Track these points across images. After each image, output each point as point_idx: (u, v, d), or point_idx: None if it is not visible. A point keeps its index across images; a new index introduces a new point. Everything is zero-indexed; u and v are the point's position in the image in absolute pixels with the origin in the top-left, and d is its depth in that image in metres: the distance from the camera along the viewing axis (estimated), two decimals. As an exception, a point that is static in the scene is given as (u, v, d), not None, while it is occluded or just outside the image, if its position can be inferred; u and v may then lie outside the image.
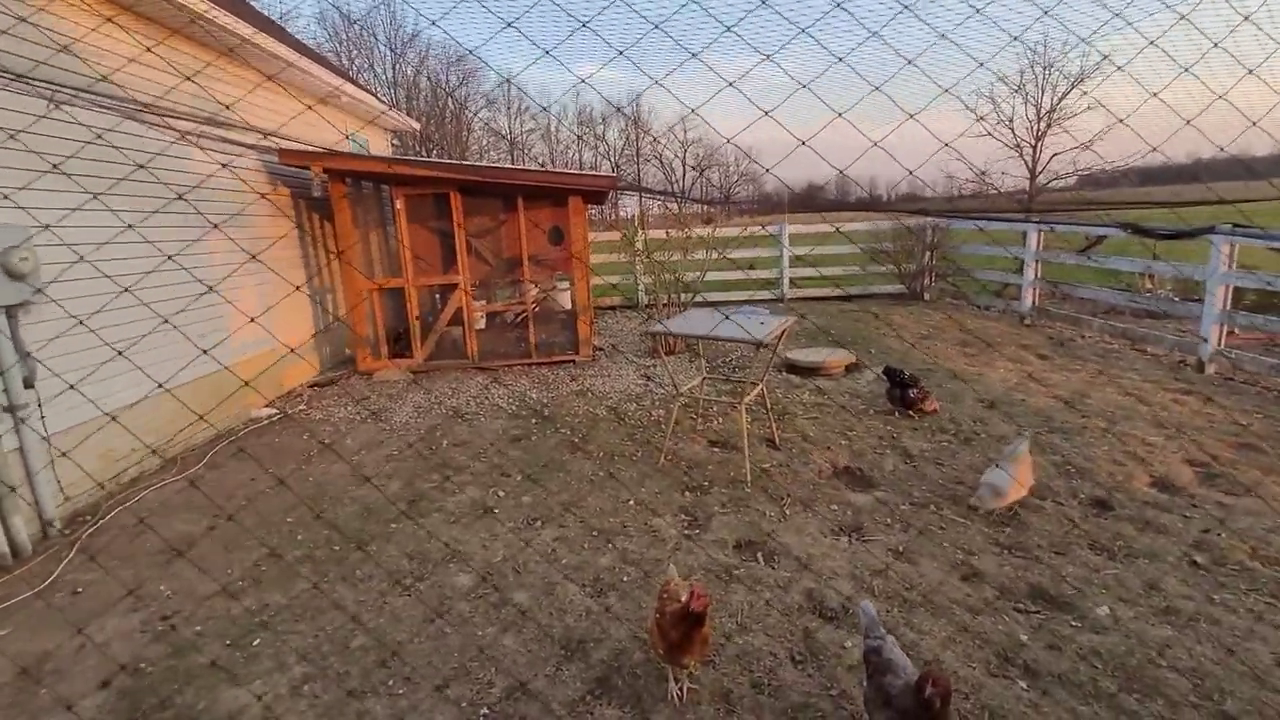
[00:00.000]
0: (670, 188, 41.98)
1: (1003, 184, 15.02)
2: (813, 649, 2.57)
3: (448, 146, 29.19)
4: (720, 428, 5.01)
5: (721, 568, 3.14)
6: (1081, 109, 14.19)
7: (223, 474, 4.53)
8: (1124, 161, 12.21)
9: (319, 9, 26.05)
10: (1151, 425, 4.71)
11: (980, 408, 5.18)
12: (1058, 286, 8.50)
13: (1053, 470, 4.04)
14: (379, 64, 29.06)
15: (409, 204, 6.93)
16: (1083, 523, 3.46)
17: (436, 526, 3.64)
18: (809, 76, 1.91)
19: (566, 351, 7.26)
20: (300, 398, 6.30)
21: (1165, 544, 3.22)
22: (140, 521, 3.77)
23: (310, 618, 2.88)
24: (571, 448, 4.70)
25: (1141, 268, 7.62)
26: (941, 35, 1.76)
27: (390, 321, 7.33)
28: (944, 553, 3.21)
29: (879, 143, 1.89)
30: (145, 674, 2.56)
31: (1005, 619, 2.71)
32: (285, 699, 2.40)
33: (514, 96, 36.51)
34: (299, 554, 3.41)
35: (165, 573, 3.27)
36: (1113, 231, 7.52)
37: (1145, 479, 3.92)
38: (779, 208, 11.38)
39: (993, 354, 6.86)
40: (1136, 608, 2.75)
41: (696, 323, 4.51)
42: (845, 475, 4.15)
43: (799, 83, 1.81)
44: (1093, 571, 3.01)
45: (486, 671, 2.51)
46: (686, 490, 3.98)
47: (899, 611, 2.77)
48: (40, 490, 3.64)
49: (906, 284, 10.40)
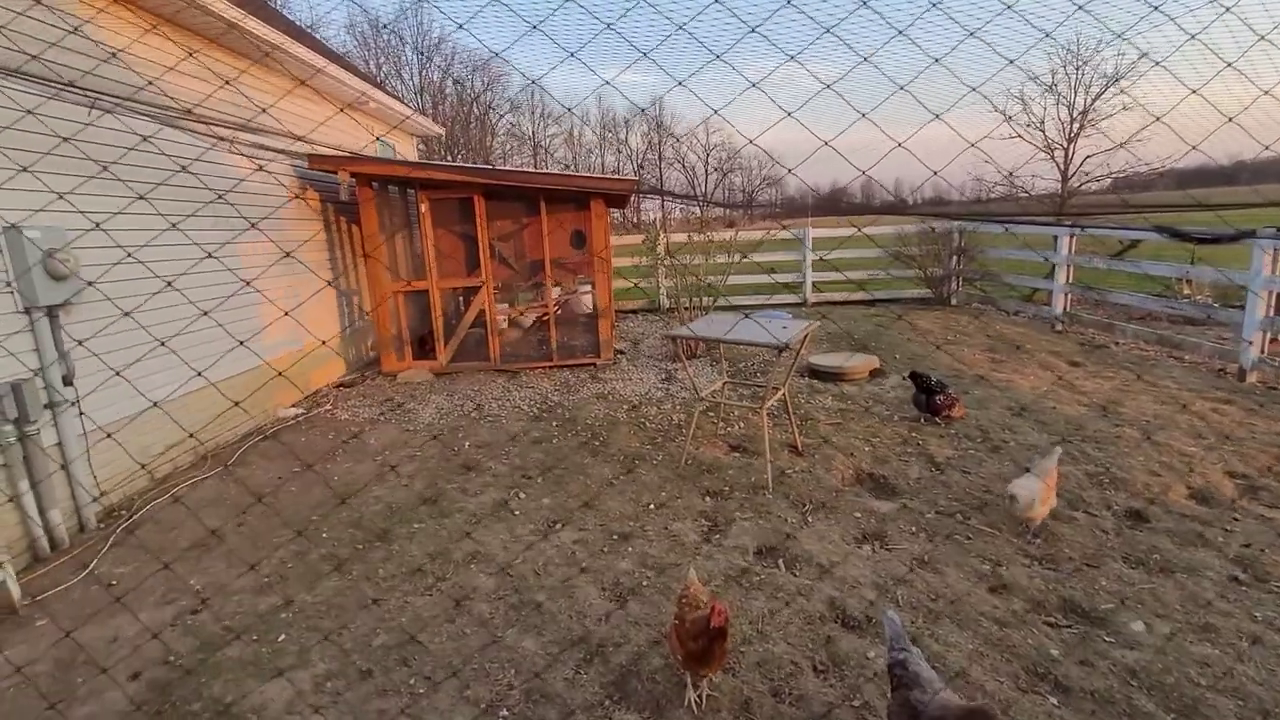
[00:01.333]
0: (692, 191, 41.95)
1: (1033, 187, 14.69)
2: (835, 658, 2.53)
3: (472, 150, 29.55)
4: (741, 432, 4.97)
5: (741, 573, 3.11)
6: (1116, 110, 13.83)
7: (251, 471, 4.63)
8: (1160, 163, 11.88)
9: (348, 17, 26.60)
10: (1189, 435, 4.56)
11: (1008, 414, 5.07)
12: (1092, 291, 8.29)
13: (1085, 480, 3.93)
14: (406, 70, 29.57)
15: (434, 207, 7.02)
16: (1116, 535, 3.35)
17: (458, 526, 3.67)
18: (832, 78, 1.88)
19: (588, 354, 7.28)
20: (326, 397, 6.41)
21: (1204, 558, 3.11)
22: (174, 511, 3.86)
23: (334, 614, 2.92)
24: (592, 450, 4.71)
25: (1179, 272, 7.39)
26: (971, 33, 1.72)
27: (414, 323, 7.42)
28: (970, 563, 3.14)
29: (903, 143, 1.86)
30: (175, 666, 2.61)
31: (1035, 632, 2.63)
32: (309, 694, 2.44)
33: (537, 101, 36.86)
34: (324, 551, 3.46)
35: (195, 567, 3.35)
36: (1149, 235, 7.31)
37: (1183, 490, 3.79)
38: (802, 211, 11.29)
39: (1022, 360, 6.71)
40: (1174, 624, 2.66)
41: (718, 326, 4.48)
42: (868, 482, 4.08)
43: (823, 83, 1.79)
44: (1127, 585, 2.92)
45: (506, 673, 2.51)
46: (707, 494, 3.95)
47: (924, 622, 2.71)
48: (78, 484, 3.75)
49: (932, 288, 10.23)
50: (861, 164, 2.02)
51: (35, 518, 3.46)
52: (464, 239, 7.44)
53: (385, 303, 7.08)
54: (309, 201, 6.85)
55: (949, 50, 1.81)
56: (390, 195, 7.85)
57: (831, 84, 1.87)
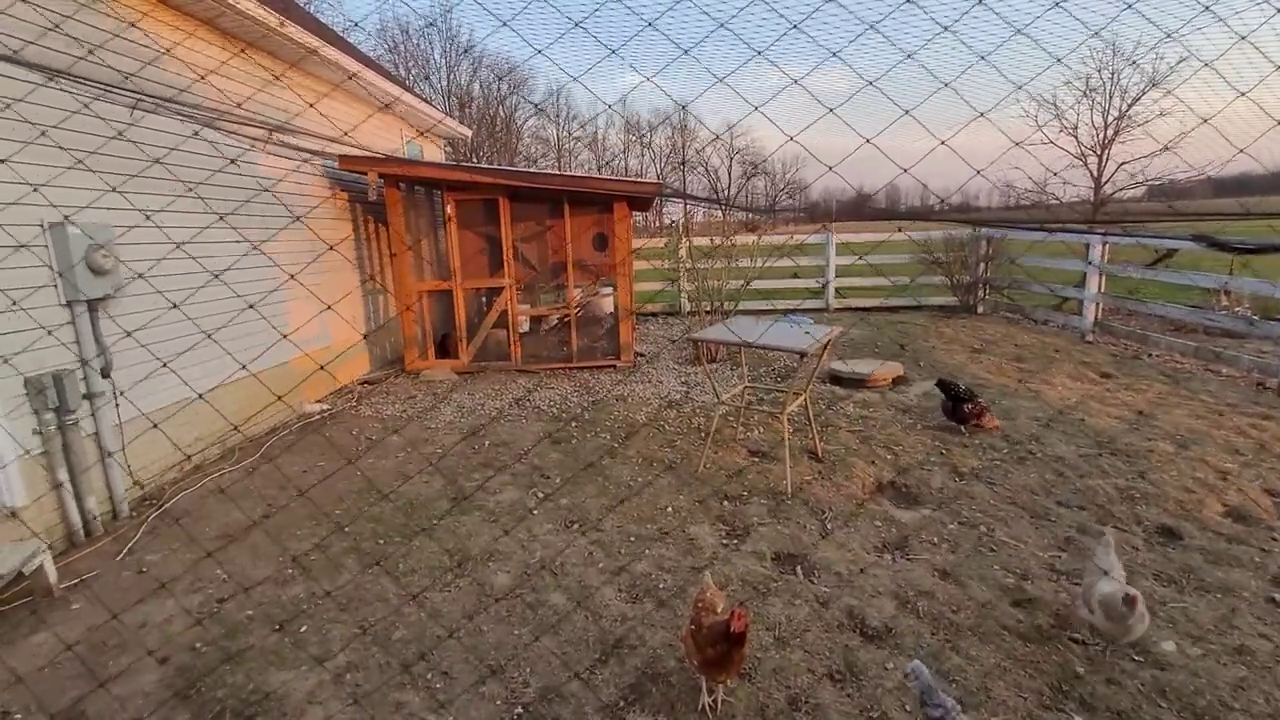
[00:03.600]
0: (716, 195, 41.84)
1: (1064, 193, 14.39)
2: (853, 668, 2.50)
3: (497, 152, 29.88)
4: (761, 437, 4.94)
5: (759, 580, 3.09)
6: (1154, 115, 13.49)
7: (277, 464, 4.72)
8: (1199, 170, 11.54)
9: (379, 23, 27.09)
10: (1226, 450, 4.42)
11: (1036, 425, 4.96)
12: (1125, 300, 8.07)
13: (1115, 494, 3.83)
14: (434, 74, 30.00)
15: (459, 208, 7.11)
16: (1148, 551, 3.26)
17: (477, 525, 3.70)
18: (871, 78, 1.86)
19: (608, 356, 7.30)
20: (351, 394, 6.53)
21: (1240, 578, 3.01)
22: (202, 501, 3.96)
23: (354, 608, 2.96)
24: (611, 452, 4.72)
25: (1218, 283, 7.17)
26: (1018, 30, 1.69)
27: (438, 323, 7.52)
28: (994, 575, 3.08)
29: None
30: (201, 653, 2.68)
31: (1060, 648, 2.57)
32: (328, 685, 2.48)
33: (562, 104, 37.14)
34: (346, 545, 3.52)
35: (222, 557, 3.43)
36: (1186, 244, 7.10)
37: (1218, 508, 3.68)
38: (826, 216, 11.19)
39: (1051, 370, 6.57)
40: (1206, 645, 2.58)
41: (739, 330, 4.46)
42: (890, 490, 4.03)
43: (865, 80, 1.76)
44: (1158, 604, 2.84)
45: (522, 671, 2.53)
46: (725, 499, 3.93)
47: (944, 635, 2.67)
48: (112, 473, 3.87)
49: (959, 296, 10.06)
50: (892, 169, 2.01)
51: (73, 505, 3.58)
52: (488, 240, 7.52)
53: (410, 302, 7.19)
54: (339, 201, 6.99)
55: (994, 48, 1.78)
56: (417, 196, 7.97)
57: (874, 80, 1.84)
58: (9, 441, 3.27)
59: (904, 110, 1.74)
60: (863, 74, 1.79)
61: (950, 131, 1.90)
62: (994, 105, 1.87)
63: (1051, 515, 3.63)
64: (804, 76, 1.79)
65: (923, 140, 1.94)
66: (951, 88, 1.69)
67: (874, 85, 1.75)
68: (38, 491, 3.43)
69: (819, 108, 1.89)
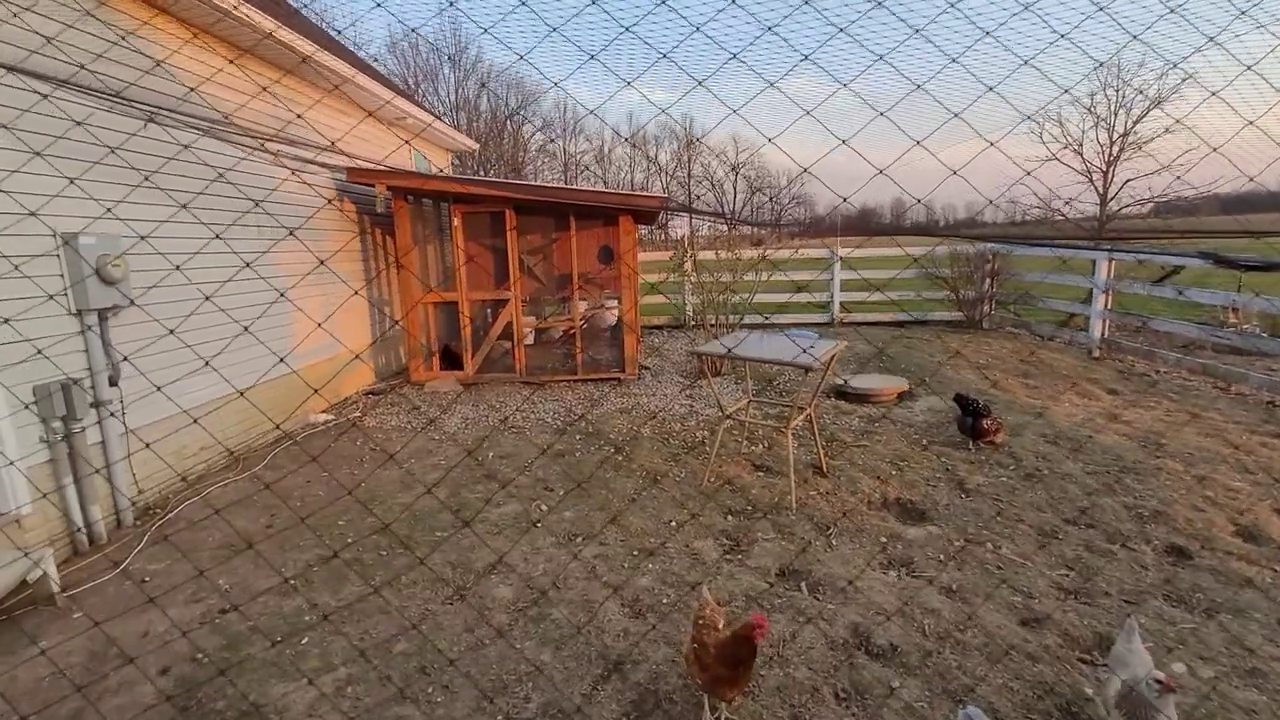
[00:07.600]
0: (721, 209, 42.05)
1: (1069, 210, 14.40)
2: (858, 686, 2.47)
3: (504, 165, 30.16)
4: (765, 451, 4.92)
5: (762, 595, 3.06)
6: (1158, 133, 13.52)
7: (281, 475, 4.73)
8: (1205, 188, 11.56)
9: (389, 39, 27.56)
10: (1236, 470, 4.37)
11: (1043, 442, 4.93)
12: (1131, 316, 8.04)
13: (1124, 513, 3.79)
14: (443, 88, 30.39)
15: (466, 221, 7.16)
16: (1157, 571, 3.22)
17: (479, 538, 3.69)
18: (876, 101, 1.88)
19: (613, 369, 7.30)
20: (356, 405, 6.54)
21: (1252, 599, 2.97)
22: (206, 511, 3.96)
23: (356, 620, 2.95)
24: (614, 465, 4.71)
25: (1225, 300, 7.14)
26: (1025, 62, 1.71)
27: (443, 335, 7.54)
28: (1002, 594, 3.04)
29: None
30: (202, 664, 2.67)
31: (1069, 669, 2.54)
32: (329, 698, 2.46)
33: (569, 118, 37.51)
34: (348, 556, 3.51)
35: (225, 567, 3.42)
36: (1193, 261, 7.08)
37: (1229, 528, 3.63)
38: (831, 231, 11.23)
39: (1058, 386, 6.53)
40: (1218, 667, 2.54)
41: (744, 344, 4.46)
42: (896, 506, 4.00)
43: (877, 110, 1.79)
44: (1168, 624, 2.80)
45: (524, 686, 2.51)
46: (729, 513, 3.91)
47: (951, 653, 2.64)
48: (117, 482, 3.88)
49: (964, 311, 10.05)
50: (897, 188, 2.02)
51: (77, 513, 3.58)
52: (494, 252, 7.57)
53: (415, 313, 7.22)
54: (347, 213, 7.06)
55: (1002, 79, 1.80)
56: (424, 208, 8.03)
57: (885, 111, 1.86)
58: (15, 448, 3.28)
59: (915, 140, 1.75)
60: (874, 104, 1.81)
61: (956, 148, 1.91)
62: (1004, 134, 1.90)
63: (1059, 533, 3.59)
64: (815, 108, 1.81)
65: (930, 159, 1.95)
66: (961, 118, 1.71)
67: (885, 115, 1.77)
68: (42, 499, 3.44)
69: (829, 127, 1.90)
